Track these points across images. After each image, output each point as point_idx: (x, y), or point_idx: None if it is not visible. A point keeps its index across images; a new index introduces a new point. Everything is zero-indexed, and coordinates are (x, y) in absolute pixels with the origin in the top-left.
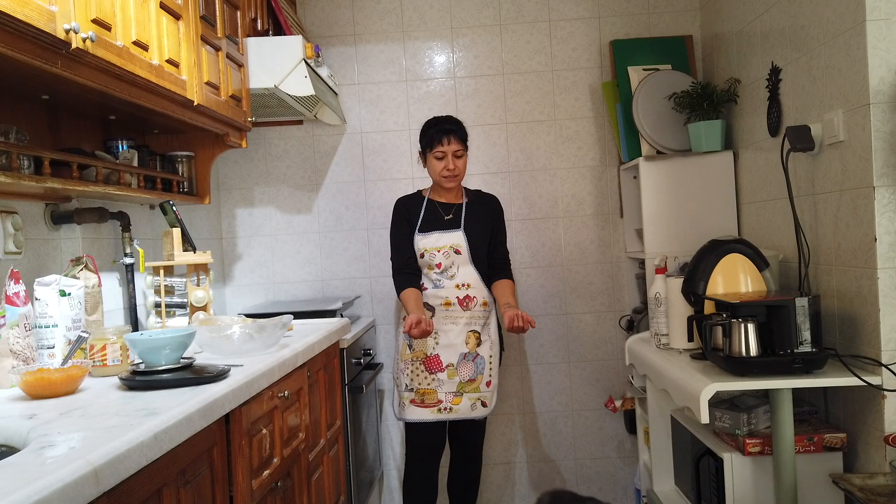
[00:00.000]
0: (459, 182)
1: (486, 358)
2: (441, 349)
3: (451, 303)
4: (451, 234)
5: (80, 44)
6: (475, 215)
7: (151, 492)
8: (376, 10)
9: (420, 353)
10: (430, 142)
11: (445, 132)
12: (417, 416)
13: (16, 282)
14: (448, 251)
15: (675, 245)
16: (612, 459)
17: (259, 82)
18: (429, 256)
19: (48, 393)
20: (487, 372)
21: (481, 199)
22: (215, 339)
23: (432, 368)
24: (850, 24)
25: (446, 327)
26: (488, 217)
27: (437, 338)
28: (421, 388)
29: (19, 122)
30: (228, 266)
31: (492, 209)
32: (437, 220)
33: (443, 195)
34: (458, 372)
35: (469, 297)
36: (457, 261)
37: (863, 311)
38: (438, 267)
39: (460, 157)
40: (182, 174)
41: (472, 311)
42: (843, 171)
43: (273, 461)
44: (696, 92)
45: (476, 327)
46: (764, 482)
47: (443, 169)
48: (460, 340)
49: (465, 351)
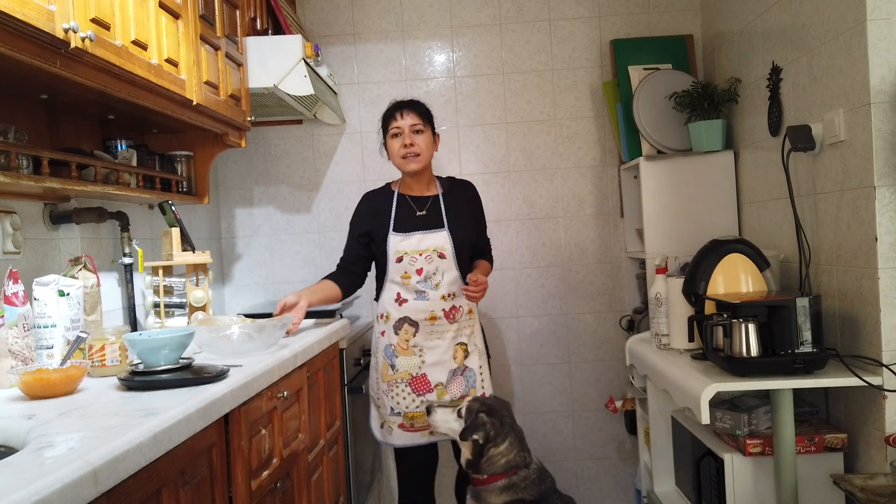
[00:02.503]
0: (423, 165)
1: (475, 370)
2: (428, 368)
3: (436, 317)
4: (435, 235)
5: (79, 43)
6: (455, 208)
7: (150, 492)
8: (376, 10)
9: (405, 373)
10: (385, 121)
11: (399, 106)
12: (408, 440)
13: (14, 282)
14: (431, 255)
15: (675, 245)
16: (613, 460)
17: (258, 82)
18: (408, 261)
19: (47, 393)
20: (479, 384)
21: (457, 187)
22: (214, 340)
23: (420, 390)
24: (850, 24)
25: (432, 343)
26: (468, 207)
27: (423, 355)
28: (409, 411)
29: (18, 122)
30: (227, 266)
31: (470, 196)
32: (412, 216)
33: (413, 187)
34: (447, 390)
35: (455, 307)
36: (441, 266)
37: (863, 312)
38: (419, 273)
39: (420, 133)
40: (181, 174)
41: (458, 323)
42: (844, 170)
43: (272, 462)
44: (697, 91)
45: (463, 339)
46: (765, 483)
47: (399, 147)
48: (448, 356)
49: (454, 367)
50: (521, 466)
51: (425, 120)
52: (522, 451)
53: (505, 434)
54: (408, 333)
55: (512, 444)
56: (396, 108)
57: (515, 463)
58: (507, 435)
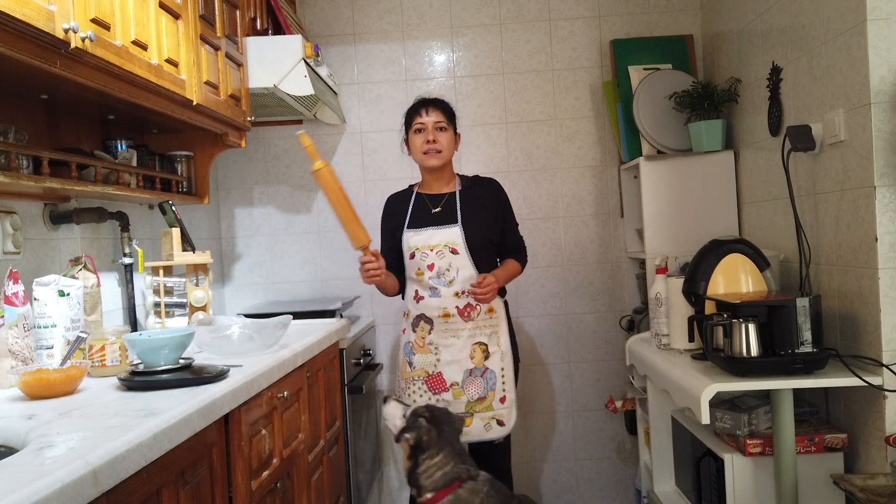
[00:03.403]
0: (445, 162)
1: (496, 372)
2: (444, 366)
3: (450, 314)
4: (446, 231)
5: (80, 43)
6: (472, 204)
7: (150, 492)
8: (376, 10)
9: (421, 371)
10: (410, 116)
11: (424, 103)
12: None
13: (14, 282)
14: (442, 250)
15: (675, 245)
16: (613, 460)
17: (258, 82)
18: (420, 256)
19: (47, 393)
20: (500, 387)
21: (478, 184)
22: (214, 340)
23: (435, 389)
24: (850, 24)
25: (447, 341)
26: (489, 204)
27: (439, 353)
28: None
29: (18, 122)
30: (227, 266)
31: (492, 193)
32: (426, 213)
33: (432, 185)
34: (464, 391)
35: (471, 305)
36: (454, 262)
37: (864, 312)
38: (431, 268)
39: (443, 131)
40: (181, 174)
41: (475, 321)
42: (844, 170)
43: (272, 462)
44: (697, 91)
45: (482, 338)
46: (765, 483)
47: (423, 143)
48: (464, 355)
49: (472, 367)
50: (466, 478)
51: (449, 118)
52: (462, 463)
53: (440, 446)
54: (424, 331)
55: (447, 457)
56: (422, 104)
57: (455, 474)
58: (443, 448)
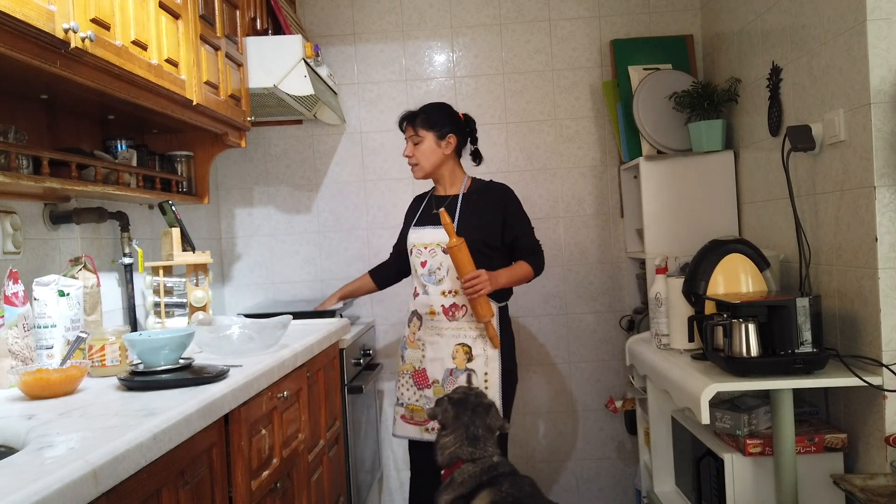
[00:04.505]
0: (424, 173)
1: (479, 375)
2: (428, 363)
3: (435, 312)
4: (440, 230)
5: (79, 43)
6: (472, 207)
7: (150, 492)
8: (376, 10)
9: (409, 366)
10: None
11: (400, 121)
12: (406, 432)
13: (14, 282)
14: (434, 249)
15: (675, 245)
16: (613, 460)
17: (258, 82)
18: (416, 253)
19: (47, 393)
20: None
21: (485, 189)
22: (214, 340)
23: (420, 384)
24: (850, 24)
25: (432, 339)
26: (489, 208)
27: (424, 350)
28: (410, 403)
29: (18, 122)
30: (228, 266)
31: (496, 199)
32: (429, 213)
33: (438, 188)
34: (444, 389)
35: (456, 305)
36: (445, 262)
37: (863, 312)
38: (423, 265)
39: (419, 144)
40: (181, 174)
41: (458, 322)
42: (844, 170)
43: (272, 462)
44: (697, 91)
45: (465, 340)
46: (765, 483)
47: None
48: (446, 354)
49: (452, 367)
50: (466, 460)
51: (425, 128)
52: (470, 446)
53: (455, 428)
54: (415, 326)
55: (458, 438)
56: (399, 123)
57: (458, 455)
58: (457, 429)
